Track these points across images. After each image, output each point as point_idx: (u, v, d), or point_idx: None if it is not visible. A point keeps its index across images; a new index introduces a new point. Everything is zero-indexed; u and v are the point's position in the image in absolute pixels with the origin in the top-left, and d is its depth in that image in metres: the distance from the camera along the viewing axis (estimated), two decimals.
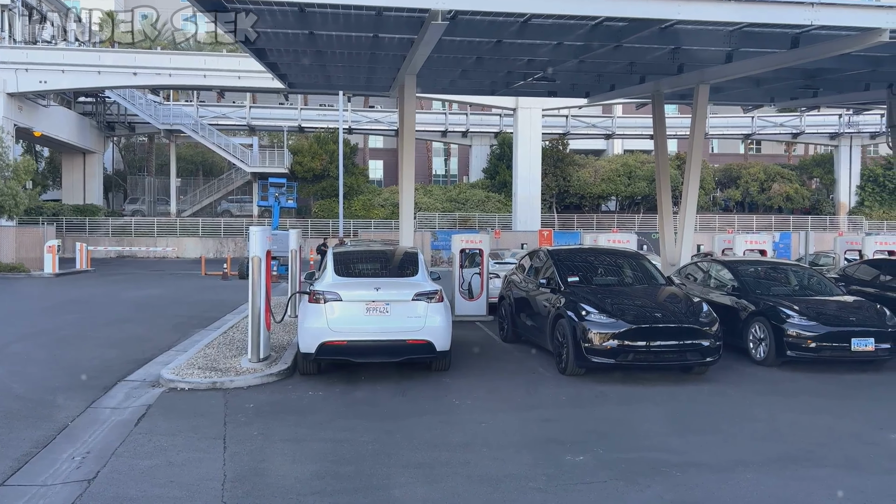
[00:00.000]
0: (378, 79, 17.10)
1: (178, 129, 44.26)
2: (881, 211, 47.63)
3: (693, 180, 15.48)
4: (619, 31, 11.80)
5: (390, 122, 46.34)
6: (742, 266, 11.92)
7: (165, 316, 15.43)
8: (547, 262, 11.02)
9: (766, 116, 47.00)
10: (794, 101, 20.18)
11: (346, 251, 10.67)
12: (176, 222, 43.97)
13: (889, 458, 6.21)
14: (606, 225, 43.27)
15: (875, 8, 10.25)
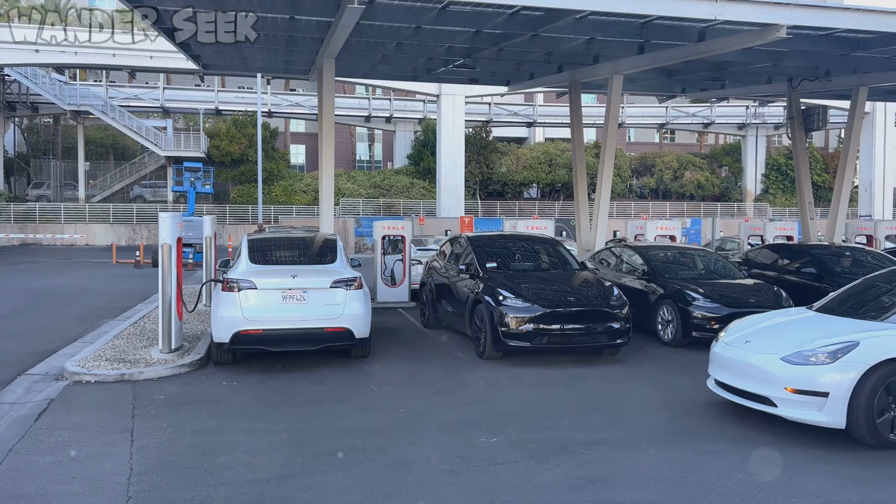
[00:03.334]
0: (297, 62, 16.77)
1: (85, 111, 42.06)
2: (784, 198, 50.33)
3: (607, 168, 15.92)
4: (536, 20, 11.98)
5: (312, 105, 45.49)
6: (652, 251, 12.39)
7: (72, 306, 14.76)
8: (466, 249, 11.14)
9: (680, 107, 48.75)
10: (703, 92, 21.01)
11: (261, 238, 10.48)
12: (85, 208, 41.92)
13: (782, 430, 6.61)
14: (528, 212, 44.00)
15: (773, 5, 10.77)
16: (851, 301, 7.39)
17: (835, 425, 5.96)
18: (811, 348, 6.21)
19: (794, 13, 10.86)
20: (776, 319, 7.50)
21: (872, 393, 5.87)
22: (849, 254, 12.96)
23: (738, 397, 6.63)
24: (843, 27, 11.74)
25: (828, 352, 6.12)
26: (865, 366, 5.92)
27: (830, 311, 7.22)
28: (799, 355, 6.20)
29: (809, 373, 6.08)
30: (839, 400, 5.91)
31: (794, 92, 18.53)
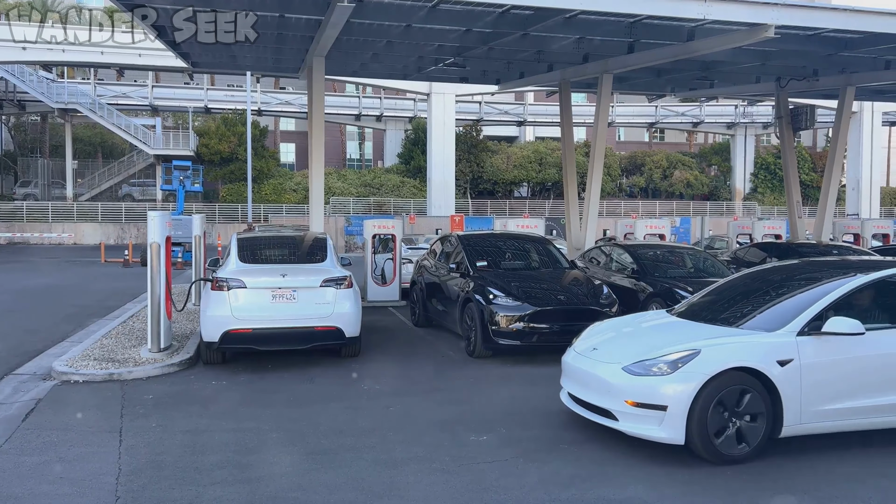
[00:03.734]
0: (286, 60, 16.72)
1: (73, 109, 41.77)
2: (772, 197, 50.66)
3: (597, 167, 15.97)
4: (526, 19, 11.99)
5: (301, 104, 45.36)
6: (641, 250, 12.45)
7: (60, 305, 14.66)
8: (457, 248, 11.16)
9: (669, 106, 48.96)
10: (692, 91, 21.12)
11: (251, 237, 10.45)
12: (73, 207, 41.64)
13: None
14: (519, 210, 44.07)
15: (762, 4, 10.83)
16: (714, 304, 6.86)
17: (674, 441, 5.53)
18: (653, 357, 5.76)
19: (782, 13, 10.93)
20: (628, 326, 6.96)
21: (707, 405, 5.46)
22: (836, 252, 13.06)
23: (585, 410, 6.14)
24: (831, 27, 11.83)
25: (668, 361, 5.66)
26: (704, 376, 5.49)
27: (691, 316, 6.65)
28: (641, 365, 5.75)
29: (650, 384, 5.62)
30: (678, 413, 5.48)
31: (782, 91, 18.65)
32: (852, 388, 5.79)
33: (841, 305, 5.96)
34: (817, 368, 5.71)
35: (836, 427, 5.87)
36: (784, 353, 5.68)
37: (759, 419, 5.62)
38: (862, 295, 6.19)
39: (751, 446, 5.60)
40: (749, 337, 5.93)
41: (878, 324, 6.08)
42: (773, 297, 6.55)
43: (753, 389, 5.59)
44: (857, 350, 5.80)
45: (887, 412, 5.90)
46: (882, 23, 11.77)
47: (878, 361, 5.88)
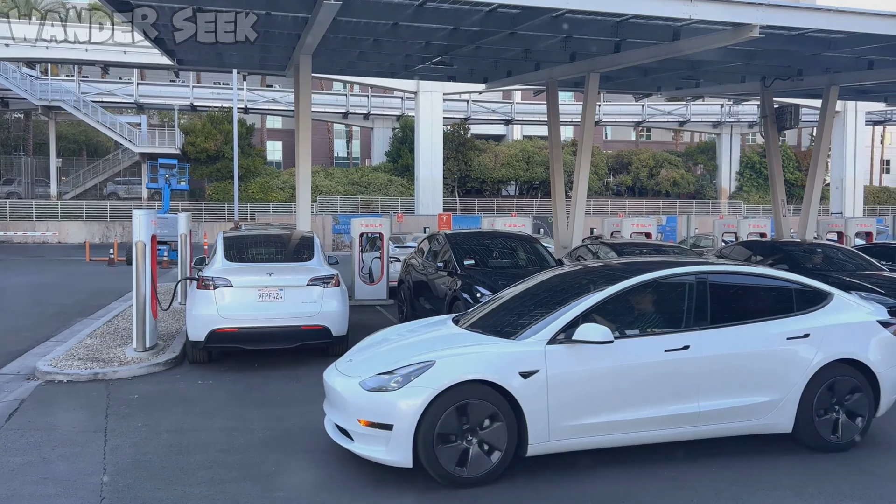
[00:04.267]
0: (273, 58, 16.65)
1: (57, 106, 41.38)
2: (758, 196, 51.05)
3: (584, 166, 16.02)
4: (513, 17, 12.01)
5: (288, 102, 45.16)
6: (627, 248, 12.52)
7: (44, 304, 14.53)
8: (444, 246, 11.16)
9: (656, 105, 49.21)
10: (679, 90, 21.22)
11: (237, 235, 10.41)
12: (57, 205, 41.27)
13: None
14: (506, 209, 44.15)
15: (746, 5, 10.90)
16: (500, 311, 6.12)
17: (401, 464, 4.97)
18: (390, 371, 5.18)
19: (766, 13, 11.01)
20: (398, 335, 6.29)
21: (433, 423, 4.91)
22: (820, 250, 13.17)
23: (336, 431, 5.44)
24: (815, 27, 11.92)
25: (403, 374, 5.09)
26: (433, 391, 4.93)
27: (472, 325, 5.96)
28: (377, 379, 5.17)
29: (381, 400, 5.05)
30: (403, 433, 4.92)
31: (767, 91, 18.78)
32: (607, 401, 5.31)
33: (603, 311, 5.49)
34: (568, 380, 5.21)
35: (592, 444, 5.37)
36: (529, 363, 5.14)
37: (500, 437, 5.04)
38: (624, 300, 5.72)
39: (487, 468, 5.01)
40: (493, 346, 5.38)
41: (638, 329, 5.71)
42: (557, 303, 5.78)
43: (493, 404, 5.02)
44: (610, 360, 5.30)
45: (646, 427, 5.41)
46: (865, 23, 11.88)
47: (637, 372, 5.40)
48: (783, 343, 5.77)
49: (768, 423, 5.76)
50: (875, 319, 6.14)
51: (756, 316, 5.88)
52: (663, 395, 5.47)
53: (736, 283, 6.23)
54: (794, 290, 6.10)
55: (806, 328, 5.84)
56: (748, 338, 5.74)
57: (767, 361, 5.75)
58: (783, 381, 5.72)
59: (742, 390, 5.65)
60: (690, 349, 5.51)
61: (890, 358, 6.06)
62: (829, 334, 5.87)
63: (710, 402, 5.56)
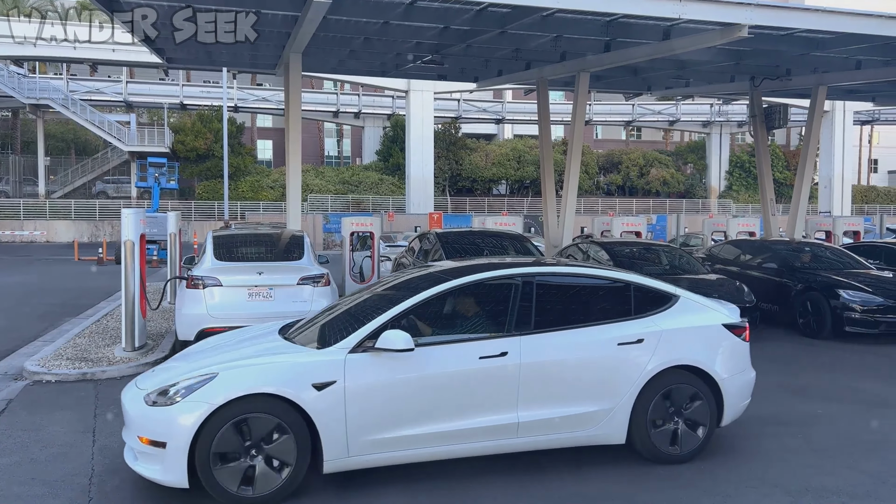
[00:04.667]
0: (263, 56, 16.60)
1: (45, 104, 41.09)
2: (747, 195, 51.34)
3: (574, 165, 16.07)
4: (503, 16, 12.04)
5: (279, 100, 45.06)
6: (618, 247, 12.55)
7: (32, 304, 14.43)
8: (435, 245, 11.19)
9: (646, 104, 49.39)
10: (669, 90, 21.31)
11: (226, 234, 10.39)
12: (45, 204, 41.00)
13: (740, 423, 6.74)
14: (497, 208, 44.21)
15: (736, 5, 10.97)
16: (333, 319, 5.62)
17: (177, 484, 4.63)
18: (175, 383, 4.81)
19: (755, 13, 11.08)
20: (212, 344, 5.91)
21: (208, 441, 4.58)
22: (808, 249, 13.27)
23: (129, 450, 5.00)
24: (803, 27, 12.01)
25: (185, 387, 4.74)
26: (210, 406, 4.58)
27: (299, 334, 5.53)
28: (160, 393, 4.81)
29: (161, 416, 4.69)
30: (177, 451, 4.57)
31: (756, 90, 18.89)
32: (413, 413, 4.94)
33: (417, 316, 5.19)
34: (369, 391, 4.86)
35: (400, 458, 5.02)
36: (325, 374, 4.80)
37: (289, 453, 4.69)
38: (440, 304, 5.38)
39: (275, 486, 4.68)
40: (288, 357, 5.04)
41: (452, 336, 5.32)
42: (380, 309, 5.29)
43: (278, 418, 4.67)
44: (417, 369, 4.96)
45: (459, 439, 5.05)
46: (853, 23, 11.98)
47: (447, 381, 5.04)
48: (613, 349, 5.39)
49: (598, 434, 5.37)
50: (720, 323, 5.76)
51: (588, 320, 5.52)
52: (478, 405, 5.08)
53: (568, 286, 5.78)
54: (634, 293, 5.68)
55: (640, 333, 5.46)
56: (575, 343, 5.36)
57: (596, 368, 5.35)
58: (613, 390, 5.34)
59: (567, 399, 5.26)
60: (509, 356, 5.13)
61: (734, 364, 5.72)
62: (666, 339, 5.49)
63: (531, 413, 5.16)
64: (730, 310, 6.05)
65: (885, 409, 7.29)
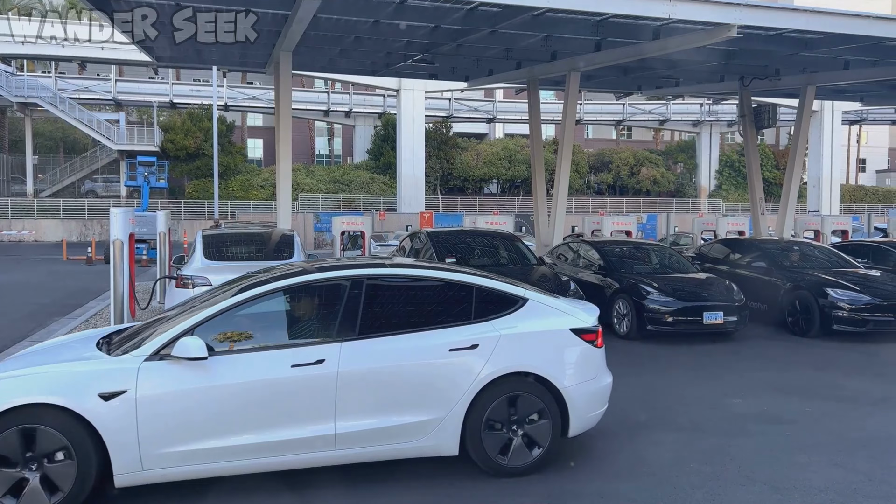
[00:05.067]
0: (254, 54, 16.55)
1: (34, 103, 40.82)
2: (736, 194, 51.58)
3: (565, 164, 16.11)
4: (494, 16, 12.05)
5: (269, 99, 44.87)
6: (608, 246, 12.58)
7: (20, 304, 14.32)
8: (426, 244, 11.18)
9: (636, 104, 49.52)
10: (659, 89, 21.41)
11: (216, 233, 10.36)
12: (34, 203, 40.72)
13: (728, 421, 6.81)
14: (489, 207, 44.24)
15: (725, 5, 11.03)
16: (155, 323, 5.30)
17: None
18: None
19: (744, 13, 11.14)
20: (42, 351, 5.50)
21: None
22: (797, 248, 13.36)
23: None
24: (792, 27, 12.09)
25: None
26: None
27: (118, 338, 5.25)
28: None
29: None
30: None
31: (745, 90, 18.99)
32: (217, 424, 4.68)
33: (227, 321, 4.92)
34: (164, 401, 4.59)
35: (204, 472, 4.75)
36: (114, 383, 4.52)
37: (67, 470, 4.38)
38: (253, 308, 5.08)
39: None
40: (74, 365, 4.75)
41: (264, 342, 5.05)
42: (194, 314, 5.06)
43: (59, 431, 4.36)
44: (219, 377, 4.70)
45: (270, 451, 4.77)
46: (841, 23, 12.07)
47: (254, 390, 4.77)
48: (444, 355, 5.09)
49: (428, 446, 5.06)
50: (568, 328, 5.42)
51: (422, 325, 5.20)
52: (290, 415, 4.79)
53: (402, 288, 5.46)
54: (477, 296, 5.39)
55: (476, 338, 5.15)
56: (403, 350, 5.05)
57: (424, 376, 5.05)
58: (443, 399, 5.03)
59: (393, 409, 4.97)
60: (325, 363, 4.83)
61: (582, 371, 5.41)
62: (504, 345, 5.17)
63: (351, 424, 4.86)
64: (587, 312, 5.70)
65: (873, 407, 7.35)
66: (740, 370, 9.05)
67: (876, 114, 48.35)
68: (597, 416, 5.60)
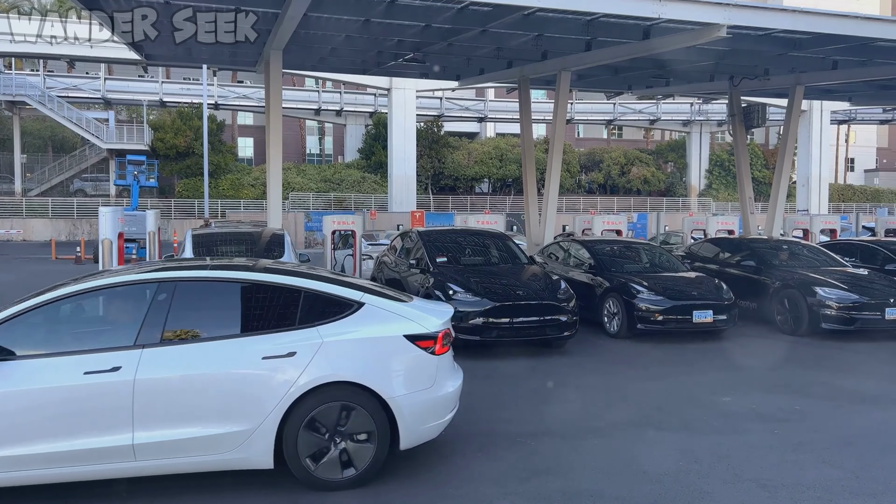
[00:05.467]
0: (244, 53, 16.48)
1: (22, 101, 40.49)
2: (726, 193, 51.80)
3: (556, 163, 16.14)
4: (485, 15, 12.06)
5: (260, 98, 44.69)
6: (598, 245, 12.61)
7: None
8: (417, 244, 11.17)
9: (627, 103, 49.65)
10: (649, 89, 21.45)
11: (206, 233, 10.32)
12: (22, 202, 40.40)
13: (718, 419, 6.84)
14: (480, 206, 44.25)
15: (714, 5, 11.08)
16: None
17: None
18: None
19: (733, 13, 11.20)
20: None
21: None
22: (786, 247, 13.43)
23: None
24: (781, 27, 12.15)
25: None
26: None
27: None
28: None
29: None
30: None
31: (735, 90, 19.07)
32: (5, 432, 4.52)
33: (20, 326, 4.76)
34: None
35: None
36: None
37: None
38: (43, 312, 4.89)
39: None
40: None
41: (57, 348, 4.84)
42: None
43: None
44: (10, 383, 4.57)
45: (60, 462, 4.58)
46: (829, 24, 12.14)
47: (37, 398, 4.60)
48: (258, 363, 4.84)
49: (239, 458, 4.82)
50: (401, 334, 5.11)
51: (239, 330, 4.99)
52: (83, 425, 4.59)
53: (220, 292, 5.21)
54: (304, 300, 5.12)
55: (294, 345, 4.89)
56: (212, 357, 4.82)
57: (234, 385, 4.82)
58: (255, 409, 4.77)
59: (199, 419, 4.74)
60: (122, 371, 4.63)
61: (414, 380, 5.09)
62: (326, 352, 4.91)
63: (151, 434, 4.65)
64: (435, 316, 5.37)
65: (860, 405, 7.40)
66: (730, 369, 9.11)
67: (864, 113, 48.67)
68: (435, 427, 5.26)
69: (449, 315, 5.53)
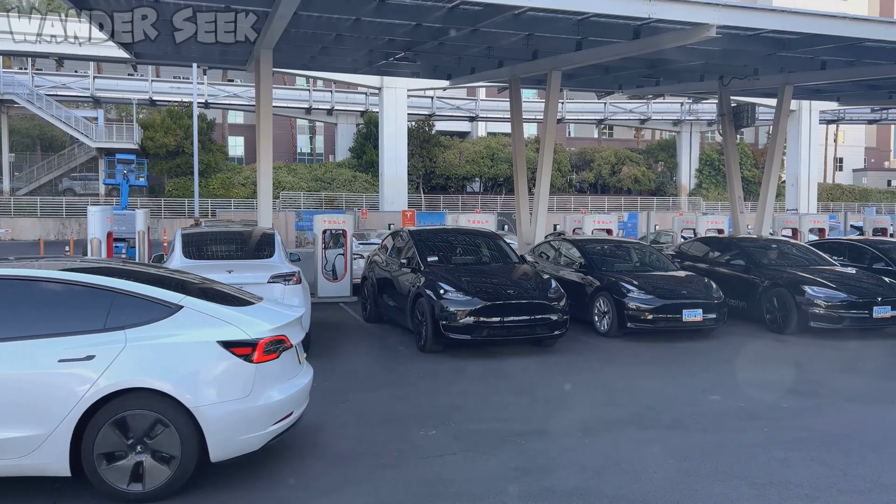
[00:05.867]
0: (234, 52, 16.38)
1: (10, 100, 40.22)
2: (716, 193, 52.04)
3: (546, 163, 16.16)
4: (476, 14, 12.06)
5: (250, 96, 44.53)
6: (589, 245, 12.65)
7: None
8: (408, 243, 11.16)
9: (618, 103, 49.79)
10: (639, 88, 21.50)
11: (196, 232, 10.27)
12: (10, 201, 40.13)
13: (707, 418, 6.88)
14: (471, 206, 44.27)
15: (704, 5, 11.12)
16: None
17: None
18: None
19: (723, 13, 11.25)
20: None
21: None
22: (775, 246, 13.51)
23: None
24: (770, 28, 12.22)
25: None
26: None
27: None
28: None
29: None
30: None
31: (724, 90, 19.15)
32: None
33: None
34: None
35: None
36: None
37: None
38: None
39: None
40: None
41: None
42: None
43: None
44: None
45: None
46: (818, 24, 12.22)
47: None
48: (53, 366, 4.65)
49: (32, 464, 4.62)
50: (215, 340, 4.88)
51: (36, 332, 4.78)
52: None
53: (18, 291, 5.00)
54: (116, 302, 4.92)
55: (95, 348, 4.69)
56: (3, 358, 4.65)
57: (27, 387, 4.63)
58: (47, 414, 4.58)
59: None
60: None
61: (225, 390, 4.84)
62: (128, 357, 4.70)
63: None
64: (262, 321, 5.11)
65: (848, 403, 7.46)
66: (719, 367, 9.15)
67: (852, 113, 49.01)
68: (255, 438, 4.96)
69: (289, 319, 5.28)
